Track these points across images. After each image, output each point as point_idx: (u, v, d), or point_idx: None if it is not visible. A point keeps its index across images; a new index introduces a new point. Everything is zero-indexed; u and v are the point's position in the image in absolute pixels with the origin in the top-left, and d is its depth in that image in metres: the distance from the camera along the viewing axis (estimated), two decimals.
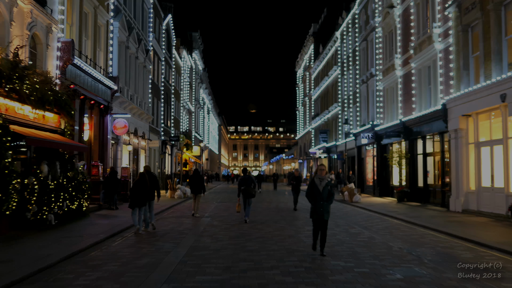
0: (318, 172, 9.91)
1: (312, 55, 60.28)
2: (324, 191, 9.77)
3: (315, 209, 9.82)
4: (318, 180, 9.83)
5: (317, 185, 9.78)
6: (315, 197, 9.78)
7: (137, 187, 13.50)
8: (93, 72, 20.68)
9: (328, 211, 9.85)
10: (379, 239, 12.00)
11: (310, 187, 9.89)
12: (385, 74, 29.16)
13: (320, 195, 9.72)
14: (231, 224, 15.20)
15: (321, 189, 9.75)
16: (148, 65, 33.43)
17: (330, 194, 9.82)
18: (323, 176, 9.86)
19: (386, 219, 17.39)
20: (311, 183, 9.93)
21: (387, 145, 29.58)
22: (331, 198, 9.91)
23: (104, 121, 23.49)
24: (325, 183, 9.81)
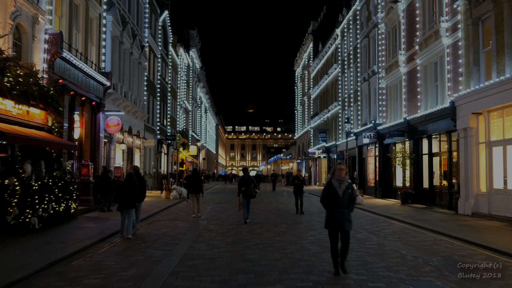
0: (336, 172, 8.10)
1: (311, 54, 59.33)
2: (344, 196, 8.01)
3: (333, 218, 8.05)
4: (336, 182, 8.04)
5: (335, 188, 8.00)
6: (333, 203, 8.03)
7: (125, 188, 12.57)
8: (84, 67, 19.66)
9: (350, 221, 8.12)
10: (389, 246, 11.03)
11: (327, 191, 8.12)
12: (388, 71, 28.21)
13: (339, 200, 7.99)
14: (228, 228, 14.22)
15: (340, 193, 7.99)
16: (143, 61, 32.42)
17: (351, 199, 8.11)
18: (343, 177, 8.06)
19: (392, 222, 16.43)
20: (328, 186, 8.14)
21: (389, 145, 28.63)
22: (352, 205, 8.18)
23: (96, 119, 22.48)
24: (345, 186, 8.01)
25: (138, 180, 12.86)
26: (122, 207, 12.55)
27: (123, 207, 12.55)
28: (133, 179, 12.83)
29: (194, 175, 18.59)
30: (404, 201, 24.03)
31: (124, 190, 12.60)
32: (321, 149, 48.50)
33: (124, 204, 12.48)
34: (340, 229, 8.07)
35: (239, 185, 15.78)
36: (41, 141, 14.01)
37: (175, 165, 51.13)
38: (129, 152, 30.33)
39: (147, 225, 15.06)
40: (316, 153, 52.22)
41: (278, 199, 28.83)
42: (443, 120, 20.66)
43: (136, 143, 31.78)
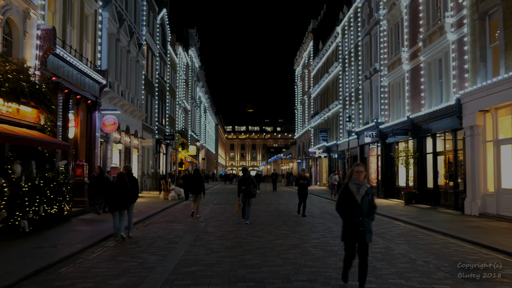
0: (353, 175, 6.93)
1: (311, 52, 58.74)
2: (363, 203, 6.85)
3: (351, 228, 6.87)
4: (354, 186, 6.88)
5: (353, 193, 6.84)
6: (351, 211, 6.87)
7: (116, 188, 12.04)
8: (78, 64, 19.08)
9: (370, 231, 6.94)
10: (397, 250, 10.45)
11: (343, 197, 6.96)
12: (391, 69, 27.64)
13: (358, 207, 6.81)
14: (227, 231, 13.64)
15: (359, 199, 6.82)
16: (141, 60, 31.85)
17: (371, 206, 6.99)
18: (361, 181, 6.90)
19: (397, 224, 15.86)
20: (344, 191, 6.96)
21: (392, 144, 28.07)
22: (373, 213, 7.03)
23: (92, 118, 21.91)
24: (365, 190, 6.87)
25: (130, 181, 12.32)
26: (114, 208, 12.07)
27: (115, 208, 12.07)
28: (125, 179, 12.30)
29: (195, 176, 18.27)
30: (408, 201, 23.46)
31: (115, 190, 12.08)
32: (322, 149, 47.93)
33: (115, 205, 11.99)
34: (359, 240, 6.85)
35: (239, 184, 15.68)
36: (32, 141, 13.43)
37: (174, 165, 50.60)
38: (127, 152, 29.74)
39: (143, 228, 14.48)
40: (317, 152, 51.64)
41: (279, 200, 28.27)
42: (448, 118, 20.09)
43: (134, 143, 31.21)
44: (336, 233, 13.06)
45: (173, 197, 26.85)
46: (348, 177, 7.10)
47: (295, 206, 23.29)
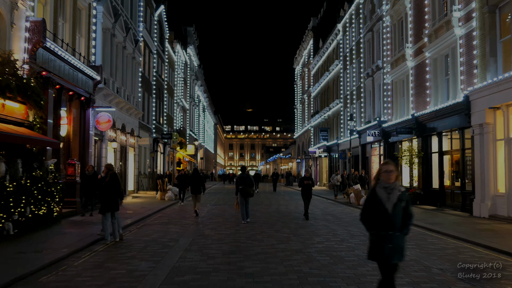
0: (382, 177, 5.32)
1: (311, 51, 57.97)
2: (396, 212, 5.22)
3: (380, 244, 5.25)
4: (383, 191, 5.26)
5: (381, 200, 5.24)
6: (379, 222, 5.25)
7: (108, 188, 11.34)
8: (71, 59, 18.28)
9: (402, 248, 5.31)
10: (409, 256, 9.66)
11: (369, 204, 5.37)
12: (394, 66, 26.87)
13: (388, 218, 5.21)
14: (225, 234, 12.86)
15: (389, 207, 5.21)
16: (137, 56, 31.04)
17: (406, 216, 5.32)
18: (392, 183, 5.27)
19: None
20: (371, 197, 5.37)
21: (395, 143, 27.31)
22: (408, 224, 5.37)
23: (85, 115, 21.12)
24: (397, 196, 5.25)
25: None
26: (106, 209, 11.36)
27: (108, 209, 11.36)
28: (117, 179, 11.65)
29: (194, 175, 18.33)
30: (412, 202, 22.68)
31: (107, 190, 11.37)
32: (322, 148, 47.17)
33: (107, 205, 11.29)
34: (386, 259, 5.28)
35: (237, 183, 15.68)
36: (17, 137, 12.62)
37: (172, 164, 49.80)
38: (123, 151, 28.95)
39: (136, 230, 13.70)
40: (317, 152, 50.86)
41: (279, 201, 27.49)
42: (455, 116, 19.33)
43: (130, 141, 30.41)
44: (341, 237, 12.29)
45: (170, 197, 26.08)
46: (375, 179, 5.47)
47: (296, 207, 22.58)
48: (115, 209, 11.61)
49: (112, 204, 11.51)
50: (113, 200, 11.63)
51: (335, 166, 44.01)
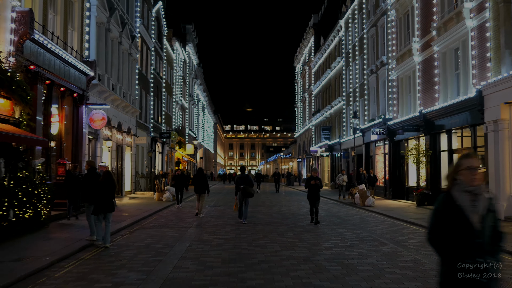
0: (463, 176, 3.65)
1: (312, 48, 57.02)
2: (485, 227, 3.52)
3: (467, 281, 3.48)
4: (465, 197, 3.60)
5: (463, 210, 3.56)
6: (461, 244, 3.52)
7: (103, 188, 10.72)
8: (62, 53, 17.33)
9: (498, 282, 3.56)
10: (428, 264, 8.74)
11: (443, 217, 3.60)
12: (400, 61, 25.92)
13: (475, 237, 3.50)
14: (225, 238, 11.91)
15: (477, 221, 3.53)
16: (134, 53, 30.09)
17: (496, 234, 3.59)
18: (479, 187, 3.63)
19: (416, 229, 14.13)
20: (446, 204, 3.62)
21: (401, 141, 26.38)
22: (500, 248, 3.61)
23: (78, 113, 20.18)
24: (486, 205, 3.61)
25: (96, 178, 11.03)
26: (99, 210, 10.69)
27: (100, 210, 10.68)
28: (112, 177, 10.89)
29: (199, 175, 18.13)
30: (420, 202, 21.76)
31: (102, 190, 10.64)
32: (324, 147, 46.21)
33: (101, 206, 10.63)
34: None
35: (237, 183, 15.53)
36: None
37: (171, 164, 48.86)
38: (119, 150, 28.00)
39: (129, 234, 12.75)
40: (318, 151, 49.92)
41: (281, 201, 26.54)
42: (466, 112, 18.40)
43: (127, 140, 29.47)
44: (350, 241, 11.34)
45: (168, 198, 25.12)
46: (450, 179, 3.76)
47: (299, 208, 21.64)
48: (109, 210, 10.89)
49: (107, 205, 10.78)
50: (108, 200, 10.88)
51: (338, 166, 43.06)
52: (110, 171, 11.57)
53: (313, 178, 15.42)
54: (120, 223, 14.31)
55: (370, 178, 25.74)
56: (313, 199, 15.21)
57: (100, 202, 10.77)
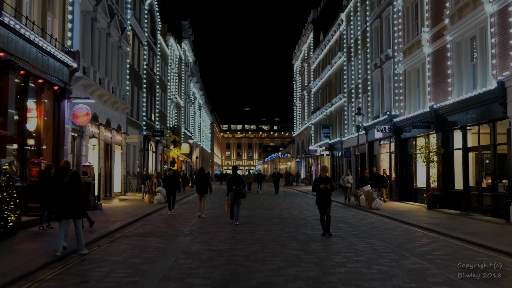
0: None
1: (311, 44, 55.32)
2: None
3: None
4: None
5: None
6: None
7: (66, 190, 9.39)
8: (39, 40, 15.62)
9: None
10: (466, 285, 7.05)
11: None
12: (407, 53, 24.25)
13: None
14: (218, 250, 10.21)
15: None
16: (124, 46, 28.34)
17: None
18: None
19: (435, 237, 12.44)
20: None
21: (409, 139, 24.73)
22: None
23: (60, 108, 18.44)
24: None
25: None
26: (64, 215, 9.48)
27: (64, 214, 9.46)
28: (79, 179, 9.61)
29: (200, 175, 17.87)
30: (431, 205, 20.11)
31: (66, 192, 9.35)
32: (324, 146, 44.54)
33: (64, 211, 9.38)
34: None
35: (228, 184, 15.38)
36: None
37: (166, 164, 47.10)
38: (108, 149, 26.25)
39: (107, 244, 11.03)
40: (318, 150, 48.24)
41: (280, 204, 24.82)
42: (485, 107, 16.75)
43: (117, 138, 27.72)
44: (365, 254, 9.65)
45: (159, 200, 23.40)
46: None
47: (301, 211, 19.93)
48: (75, 216, 9.46)
49: (72, 210, 9.36)
50: (73, 204, 9.44)
51: (338, 165, 41.41)
52: (77, 171, 10.05)
53: (323, 180, 12.54)
54: (99, 231, 12.59)
55: (383, 178, 23.76)
56: (323, 204, 12.56)
57: (63, 206, 9.38)
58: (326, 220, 12.54)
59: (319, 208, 12.71)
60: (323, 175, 12.74)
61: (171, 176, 19.46)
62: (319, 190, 12.51)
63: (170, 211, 18.92)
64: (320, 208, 12.65)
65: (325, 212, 12.52)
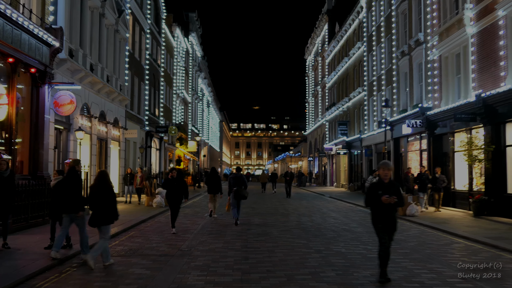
0: None
1: (326, 37, 52.12)
2: None
3: None
4: None
5: None
6: None
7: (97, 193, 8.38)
8: (6, 9, 12.70)
9: None
10: None
11: None
12: (444, 36, 21.06)
13: None
14: (224, 284, 7.16)
15: None
16: (123, 30, 25.41)
17: None
18: None
19: (502, 256, 9.33)
20: None
21: (444, 135, 21.60)
22: None
23: (39, 94, 15.52)
24: None
25: None
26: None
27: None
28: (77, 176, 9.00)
29: (212, 175, 17.27)
30: (478, 212, 16.92)
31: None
32: (340, 144, 41.36)
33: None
34: None
35: (230, 184, 15.19)
36: None
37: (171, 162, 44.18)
38: (102, 145, 23.37)
39: (71, 272, 8.01)
40: (334, 149, 45.11)
41: (297, 208, 21.68)
42: None
43: (113, 133, 24.83)
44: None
45: (159, 203, 20.47)
46: None
47: (324, 218, 16.68)
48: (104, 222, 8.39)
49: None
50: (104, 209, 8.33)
51: (357, 165, 38.23)
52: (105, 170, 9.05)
53: (385, 188, 7.42)
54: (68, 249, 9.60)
55: (436, 179, 19.36)
56: (387, 228, 7.48)
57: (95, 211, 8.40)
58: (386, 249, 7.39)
59: (379, 234, 7.49)
60: (384, 178, 7.52)
61: (174, 179, 13.16)
62: (379, 205, 7.42)
63: (172, 229, 12.86)
64: (382, 234, 7.45)
65: (390, 242, 7.49)
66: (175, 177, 13.23)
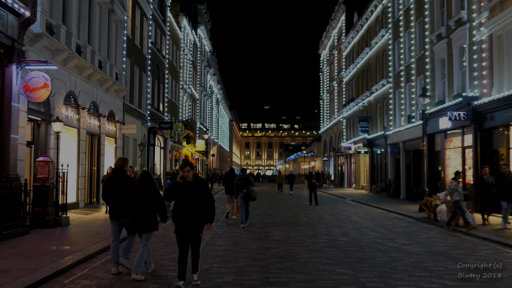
0: None
1: (343, 28, 48.71)
2: None
3: None
4: None
5: None
6: None
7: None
8: None
9: None
10: None
11: None
12: (497, 11, 17.66)
13: None
14: None
15: None
16: (119, 11, 22.29)
17: None
18: None
19: None
20: None
21: (495, 129, 18.25)
22: None
23: (4, 76, 12.41)
24: None
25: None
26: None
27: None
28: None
29: (230, 175, 17.18)
30: None
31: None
32: (361, 142, 37.91)
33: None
34: None
35: (237, 186, 15.06)
36: None
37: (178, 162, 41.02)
38: (94, 141, 20.26)
39: None
40: (353, 147, 41.66)
41: (322, 216, 18.28)
42: None
43: (108, 128, 21.73)
44: None
45: None
46: None
47: (359, 231, 13.14)
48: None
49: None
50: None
51: (381, 164, 34.79)
52: (148, 171, 7.85)
53: None
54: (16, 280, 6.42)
55: (503, 177, 14.49)
56: None
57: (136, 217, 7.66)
58: None
59: None
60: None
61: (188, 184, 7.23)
62: None
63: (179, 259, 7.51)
64: None
65: None
66: (189, 180, 7.21)
